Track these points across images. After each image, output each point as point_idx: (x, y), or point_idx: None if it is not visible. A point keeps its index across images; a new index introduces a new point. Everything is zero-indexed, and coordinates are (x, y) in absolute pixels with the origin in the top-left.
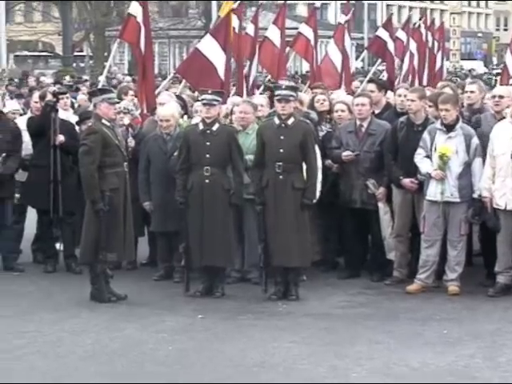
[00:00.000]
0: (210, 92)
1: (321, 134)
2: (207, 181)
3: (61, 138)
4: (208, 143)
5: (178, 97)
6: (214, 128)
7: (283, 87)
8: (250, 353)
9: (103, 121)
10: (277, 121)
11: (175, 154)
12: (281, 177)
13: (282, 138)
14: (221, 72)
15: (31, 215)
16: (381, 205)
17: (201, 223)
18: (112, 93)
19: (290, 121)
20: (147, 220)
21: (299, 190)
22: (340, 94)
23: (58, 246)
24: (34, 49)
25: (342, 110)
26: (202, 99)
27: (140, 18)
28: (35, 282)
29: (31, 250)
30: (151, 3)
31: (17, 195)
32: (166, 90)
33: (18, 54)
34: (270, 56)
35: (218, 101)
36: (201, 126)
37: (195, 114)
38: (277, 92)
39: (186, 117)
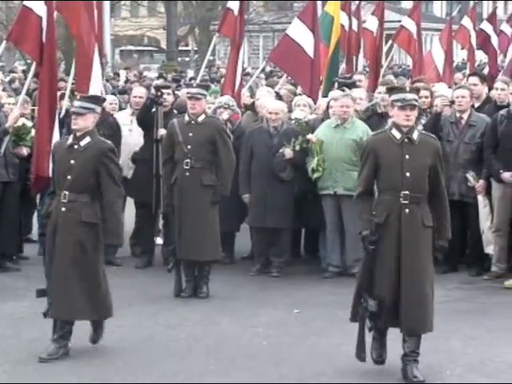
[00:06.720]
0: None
1: (420, 127)
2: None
3: (162, 131)
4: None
5: (276, 93)
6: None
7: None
8: (347, 347)
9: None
10: (397, 134)
11: (280, 150)
12: (407, 210)
13: (407, 157)
14: (309, 51)
15: (128, 210)
16: (480, 198)
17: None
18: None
19: (415, 134)
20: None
21: (428, 228)
22: (440, 88)
23: (157, 240)
24: (139, 43)
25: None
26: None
27: (236, 12)
28: (132, 276)
29: (129, 244)
30: None
31: None
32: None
33: (123, 48)
34: (371, 47)
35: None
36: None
37: (296, 107)
38: (398, 97)
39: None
